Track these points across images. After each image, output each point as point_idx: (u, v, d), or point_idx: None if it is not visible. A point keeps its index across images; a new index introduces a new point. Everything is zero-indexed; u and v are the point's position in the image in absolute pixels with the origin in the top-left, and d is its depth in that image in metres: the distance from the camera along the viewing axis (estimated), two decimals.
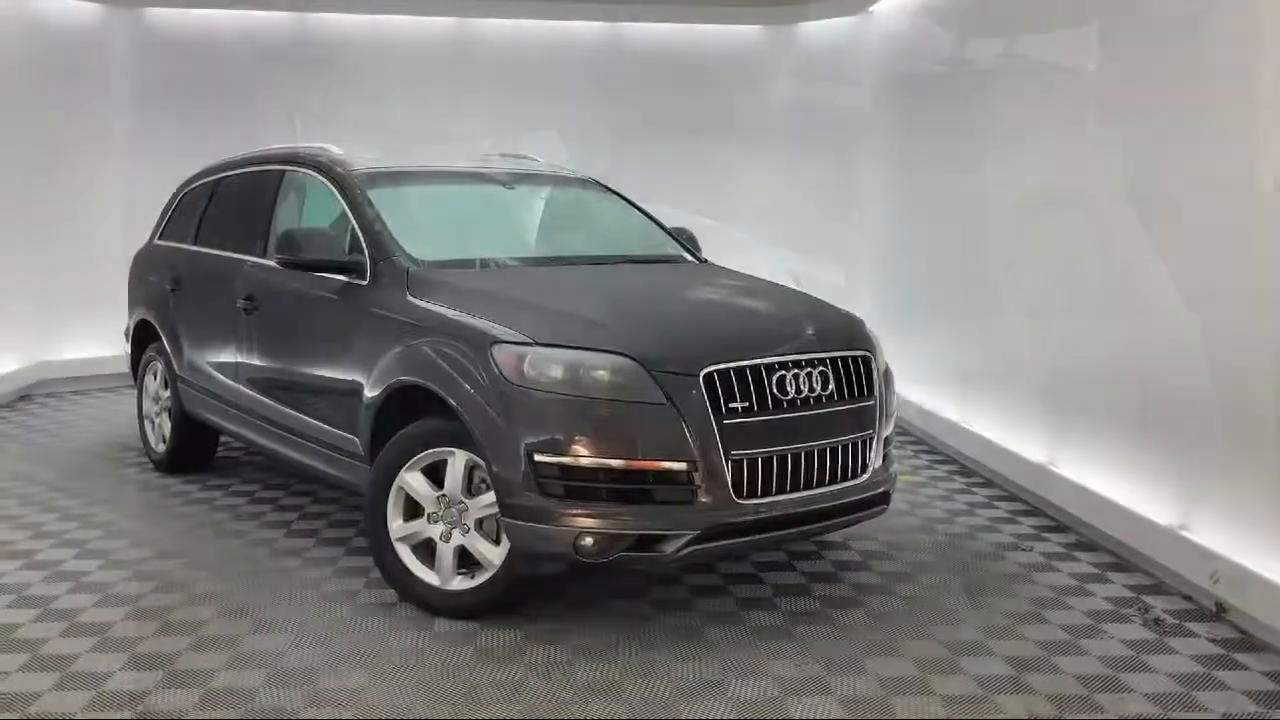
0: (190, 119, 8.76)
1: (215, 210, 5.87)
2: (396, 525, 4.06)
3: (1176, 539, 4.37)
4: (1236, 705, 3.40)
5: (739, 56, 9.46)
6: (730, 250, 6.24)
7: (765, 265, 6.94)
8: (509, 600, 4.00)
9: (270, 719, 3.26)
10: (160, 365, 6.06)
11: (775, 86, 9.44)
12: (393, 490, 4.05)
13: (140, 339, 6.36)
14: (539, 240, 5.18)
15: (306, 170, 5.14)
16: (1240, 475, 4.12)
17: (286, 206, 5.25)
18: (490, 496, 3.85)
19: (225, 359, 5.36)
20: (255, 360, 5.11)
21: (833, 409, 3.95)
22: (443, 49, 9.15)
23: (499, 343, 3.80)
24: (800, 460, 3.82)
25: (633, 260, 5.06)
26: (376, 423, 4.25)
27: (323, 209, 5.00)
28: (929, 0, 7.43)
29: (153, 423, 6.20)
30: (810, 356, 3.94)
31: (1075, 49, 5.42)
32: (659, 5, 9.20)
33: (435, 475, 4.02)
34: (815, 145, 9.11)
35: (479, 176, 5.28)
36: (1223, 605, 4.07)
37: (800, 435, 3.84)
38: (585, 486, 3.63)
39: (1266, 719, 3.34)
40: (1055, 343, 5.55)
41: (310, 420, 4.72)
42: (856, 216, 8.74)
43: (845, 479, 3.98)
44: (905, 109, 7.94)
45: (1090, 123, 5.24)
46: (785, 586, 4.37)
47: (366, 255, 4.50)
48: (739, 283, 4.82)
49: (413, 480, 4.02)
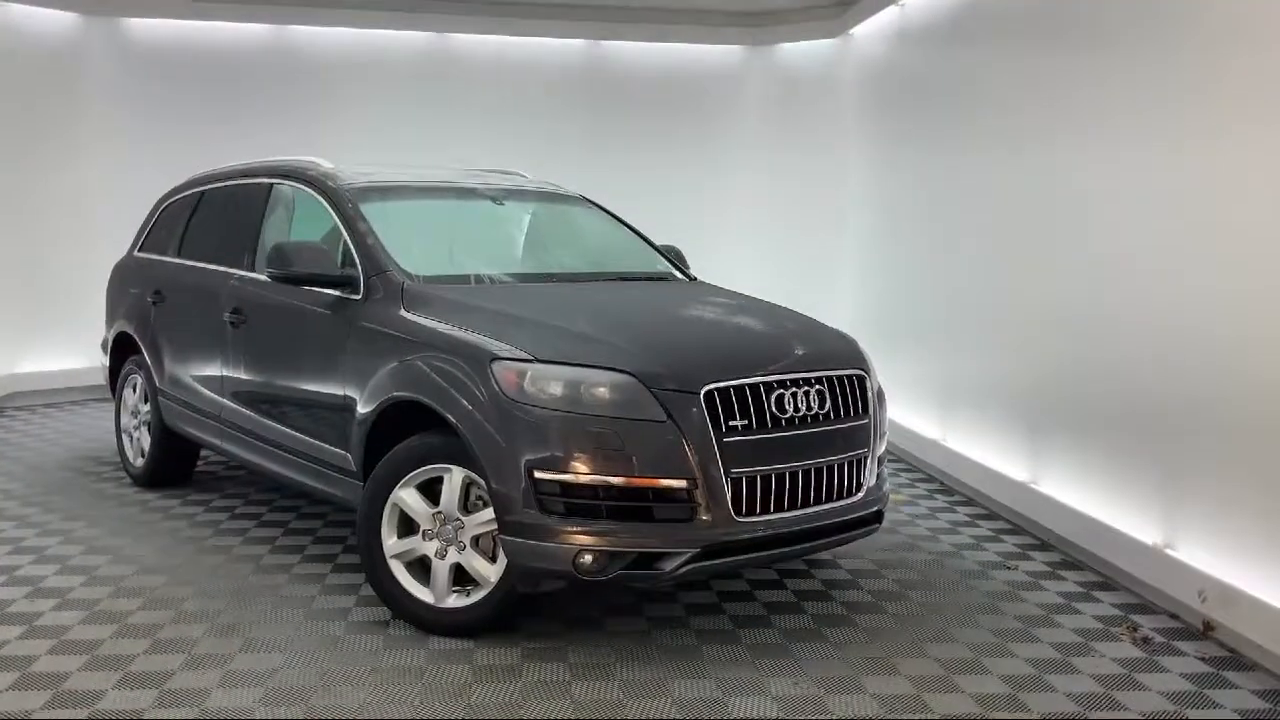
0: (168, 131, 8.72)
1: (200, 222, 5.82)
2: (391, 542, 4.03)
3: (1162, 558, 4.42)
4: None
5: (719, 76, 9.53)
6: (710, 268, 6.26)
7: (745, 284, 6.97)
8: (505, 618, 3.98)
9: None
10: (140, 378, 5.99)
11: (755, 106, 9.52)
12: (387, 507, 4.02)
13: (119, 351, 6.28)
14: (531, 256, 5.18)
15: (296, 184, 5.12)
16: (1225, 494, 4.18)
17: (275, 220, 5.22)
18: (487, 513, 3.84)
19: (210, 373, 5.30)
20: (242, 374, 5.07)
21: (829, 428, 3.98)
22: (423, 64, 9.16)
23: (499, 359, 3.79)
24: (798, 478, 3.85)
25: (625, 277, 5.06)
26: (369, 438, 4.22)
27: (313, 223, 4.97)
28: (908, 24, 7.53)
29: (131, 437, 6.13)
30: (807, 375, 3.97)
31: (1052, 68, 5.51)
32: (639, 24, 9.25)
33: (430, 492, 4.00)
34: (795, 165, 9.20)
35: (470, 192, 5.27)
36: (1210, 624, 4.13)
37: (798, 454, 3.86)
38: (585, 504, 3.62)
39: None
40: (1036, 360, 5.61)
41: (299, 435, 4.68)
42: (836, 235, 8.81)
43: (841, 497, 4.00)
44: (884, 130, 8.04)
45: (1068, 140, 5.32)
46: (778, 604, 4.38)
47: (360, 270, 4.48)
48: (733, 301, 4.84)
49: (408, 497, 4.00)
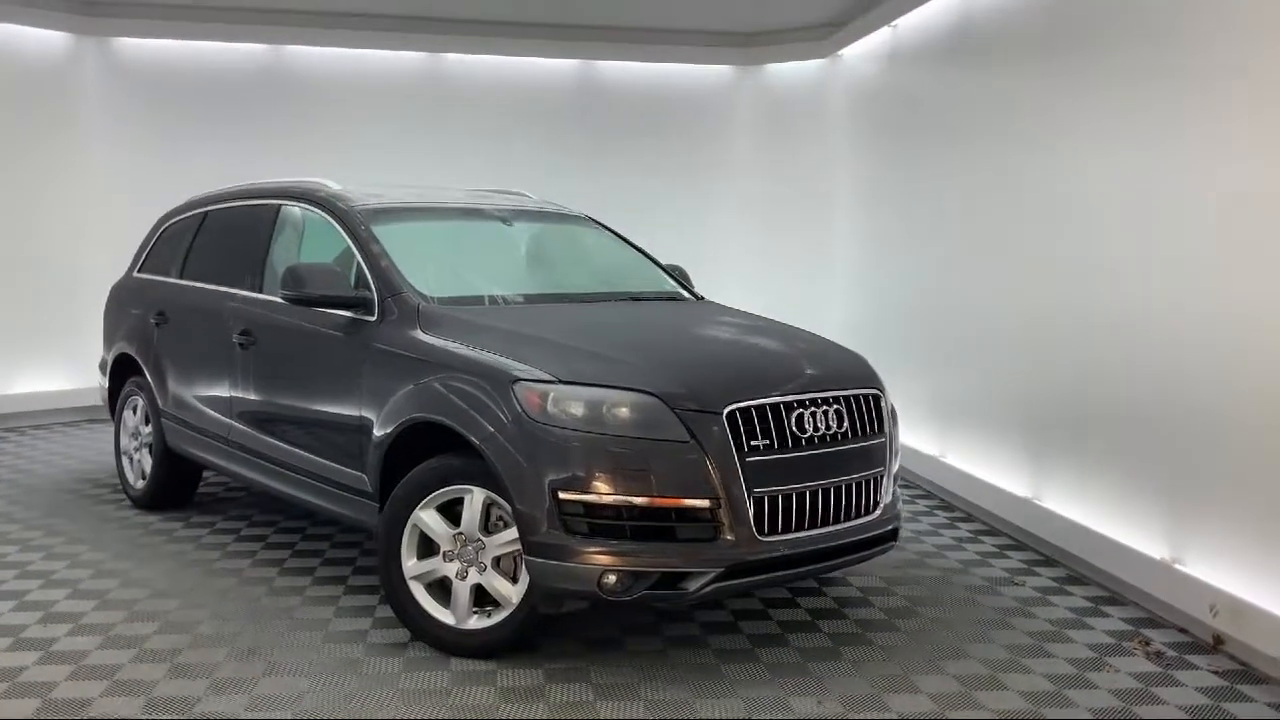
0: (161, 151, 8.71)
1: (203, 244, 5.81)
2: (410, 564, 4.03)
3: (1171, 573, 4.49)
4: None
5: (709, 96, 9.61)
6: (701, 287, 6.29)
7: (736, 302, 7.01)
8: (526, 639, 3.98)
9: None
10: (141, 400, 5.96)
11: (745, 126, 9.59)
12: (407, 528, 4.03)
13: (118, 373, 6.25)
14: (542, 277, 5.20)
15: (305, 205, 5.12)
16: (1233, 507, 4.24)
17: (284, 241, 5.21)
18: (508, 534, 3.85)
19: (217, 394, 5.29)
20: (251, 395, 5.05)
21: (847, 447, 4.02)
22: (416, 84, 9.17)
23: (521, 380, 3.81)
24: (818, 497, 3.88)
25: (635, 297, 5.09)
26: (386, 460, 4.22)
27: (323, 244, 4.97)
28: (900, 46, 7.63)
29: (131, 459, 6.09)
30: (826, 394, 4.01)
31: (1045, 89, 5.61)
32: (630, 45, 9.31)
33: (450, 513, 4.01)
34: (784, 183, 9.28)
35: (478, 213, 5.29)
36: (1220, 638, 4.19)
37: (818, 473, 3.89)
38: (610, 524, 3.64)
39: None
40: (1035, 376, 5.68)
41: (311, 456, 4.68)
42: (826, 253, 8.89)
43: (859, 516, 4.04)
44: (875, 149, 8.13)
45: (1064, 156, 5.42)
46: (793, 623, 4.41)
47: (374, 291, 4.49)
48: (746, 320, 4.88)
49: (428, 518, 4.00)
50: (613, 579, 3.62)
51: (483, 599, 3.98)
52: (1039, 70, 5.72)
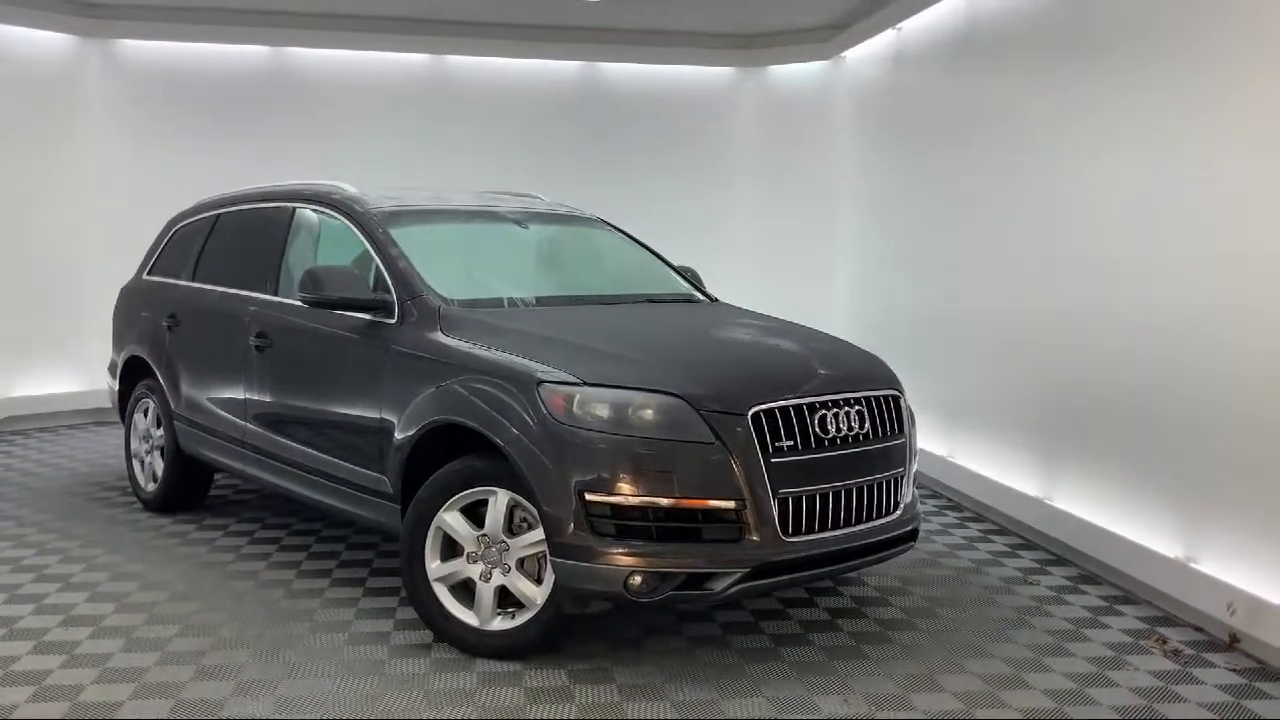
0: (165, 152, 8.70)
1: (216, 246, 5.81)
2: (434, 565, 4.05)
3: (1186, 571, 4.52)
4: None
5: (712, 98, 9.63)
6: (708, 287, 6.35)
7: (739, 303, 7.04)
8: (550, 640, 4.00)
9: None
10: (153, 402, 5.95)
11: (747, 127, 9.62)
12: (431, 530, 4.04)
13: (129, 375, 6.24)
14: (558, 279, 5.22)
15: (321, 208, 5.13)
16: (1248, 505, 4.28)
17: (299, 244, 5.22)
18: (532, 536, 3.87)
19: (232, 396, 5.29)
20: (268, 398, 5.06)
21: (869, 447, 4.04)
22: (420, 86, 9.18)
23: (545, 383, 3.82)
24: (841, 498, 3.91)
25: (651, 299, 5.11)
26: (407, 462, 4.23)
27: (339, 247, 4.98)
28: (904, 48, 7.66)
29: (143, 462, 6.08)
30: (848, 396, 4.03)
31: (1051, 90, 5.66)
32: (633, 47, 9.33)
33: (473, 514, 4.02)
34: (788, 184, 9.32)
35: (493, 215, 5.31)
36: (1236, 635, 4.22)
37: (841, 473, 3.92)
38: (636, 525, 3.66)
39: None
40: (1044, 374, 5.71)
41: (330, 458, 4.68)
42: (830, 254, 8.92)
43: (880, 516, 4.07)
44: (878, 150, 8.16)
45: (1071, 153, 5.47)
46: (813, 622, 4.43)
47: (394, 294, 4.50)
48: (764, 322, 4.90)
49: (452, 520, 4.01)
50: (639, 580, 3.64)
51: (506, 600, 3.99)
52: (1044, 73, 5.76)
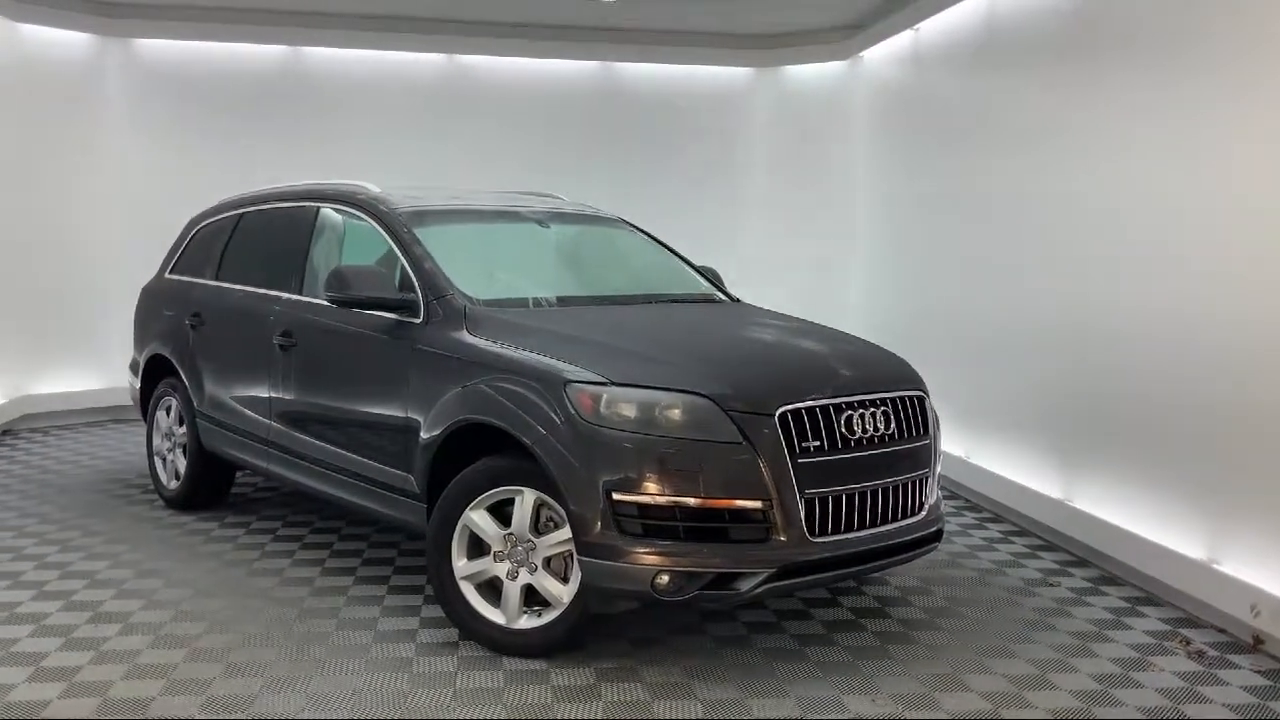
0: (183, 151, 8.74)
1: (239, 246, 5.83)
2: (461, 564, 4.07)
3: (1209, 573, 4.52)
4: None
5: (728, 98, 9.63)
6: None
7: (757, 304, 7.07)
8: (576, 639, 4.01)
9: None
10: (175, 400, 5.98)
11: (764, 127, 9.62)
12: (457, 529, 4.06)
13: (151, 374, 6.27)
14: (580, 279, 5.23)
15: (345, 208, 5.15)
16: (1271, 506, 4.27)
17: (324, 244, 5.24)
18: (559, 535, 3.89)
19: (256, 394, 5.31)
20: (292, 396, 5.08)
21: (895, 448, 4.05)
22: (436, 86, 9.20)
23: (573, 383, 3.84)
24: (867, 499, 3.92)
25: (674, 299, 5.12)
26: (434, 461, 4.25)
27: (364, 246, 5.01)
28: (923, 49, 7.67)
29: (165, 459, 6.11)
30: (874, 396, 4.04)
31: (1066, 91, 5.66)
32: (650, 46, 9.34)
33: (499, 513, 4.04)
34: (804, 184, 9.32)
35: (515, 215, 5.32)
36: (1259, 637, 4.22)
37: (867, 474, 3.93)
38: (663, 525, 3.67)
39: None
40: (1064, 374, 5.71)
41: (355, 457, 4.70)
42: (846, 255, 8.93)
43: (905, 516, 4.08)
44: (895, 151, 8.16)
45: (1087, 159, 5.47)
46: (837, 622, 4.44)
47: (419, 293, 4.52)
48: (787, 323, 4.91)
49: (479, 519, 4.03)
50: (666, 579, 3.65)
51: (532, 599, 4.01)
52: (1063, 74, 5.75)
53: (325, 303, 4.82)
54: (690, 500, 3.67)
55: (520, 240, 5.25)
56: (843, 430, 3.90)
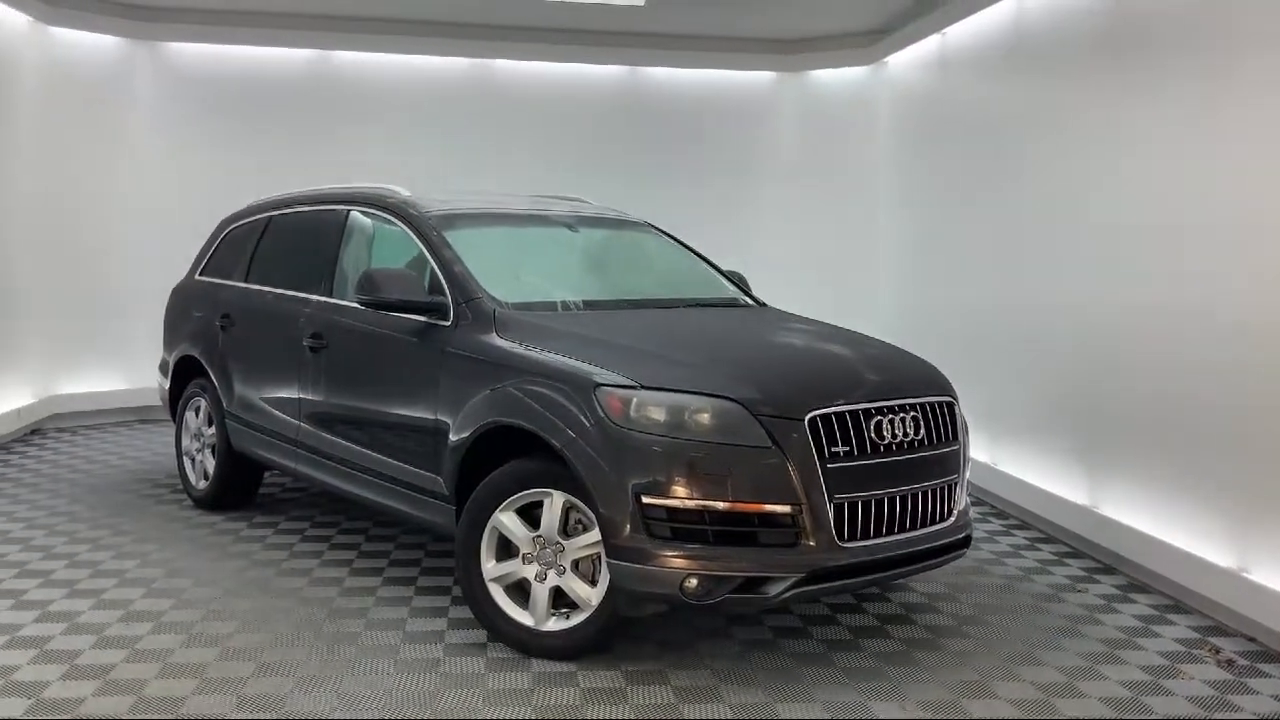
0: (210, 154, 8.82)
1: (269, 248, 5.88)
2: (489, 566, 4.09)
3: (1238, 581, 4.50)
4: None
5: (753, 102, 9.64)
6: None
7: (781, 308, 7.08)
8: (603, 641, 4.03)
9: None
10: (204, 401, 6.03)
11: (788, 132, 9.62)
12: (486, 530, 4.08)
13: (180, 374, 6.32)
14: (608, 282, 5.24)
15: (375, 211, 5.18)
16: None
17: (353, 246, 5.27)
18: (588, 537, 3.90)
19: (285, 395, 5.35)
20: (322, 398, 5.11)
21: (925, 454, 4.05)
22: (463, 89, 9.24)
23: (603, 386, 3.85)
24: (896, 504, 3.92)
25: (701, 304, 5.14)
26: (462, 463, 4.27)
27: (393, 249, 5.04)
28: (946, 53, 7.66)
29: (193, 459, 6.16)
30: (904, 402, 4.04)
31: (1095, 96, 5.65)
32: (674, 51, 9.36)
33: (528, 515, 4.06)
34: (829, 188, 9.32)
35: (543, 218, 5.35)
36: None
37: (897, 479, 3.93)
38: (692, 529, 3.67)
39: None
40: (1091, 379, 5.68)
41: (384, 458, 4.73)
42: (869, 259, 8.92)
43: (934, 522, 4.07)
44: (921, 155, 8.16)
45: (1113, 162, 5.46)
46: (863, 628, 4.44)
47: (449, 296, 4.54)
48: (816, 327, 4.91)
49: (508, 521, 4.05)
50: (695, 583, 3.66)
51: (560, 601, 4.02)
52: (1091, 79, 5.73)
53: (355, 305, 4.86)
54: (719, 504, 3.68)
55: (548, 244, 5.27)
56: (872, 435, 3.90)
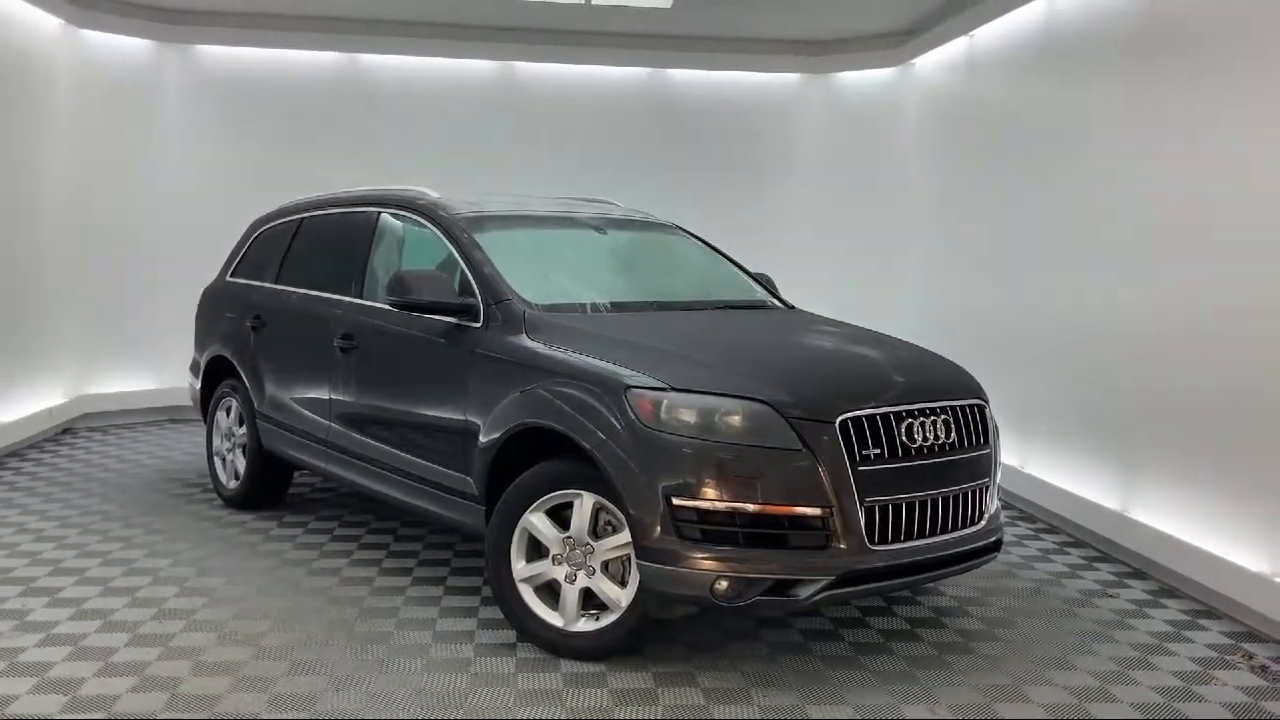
0: (239, 156, 8.88)
1: (300, 249, 5.92)
2: (520, 566, 4.10)
3: (1271, 586, 4.46)
4: None
5: (779, 104, 9.63)
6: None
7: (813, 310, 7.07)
8: (633, 643, 4.04)
9: None
10: (235, 401, 6.07)
11: (815, 133, 9.61)
12: (516, 531, 4.09)
13: (211, 375, 6.37)
14: (637, 284, 5.24)
15: (405, 213, 5.21)
16: None
17: (384, 248, 5.30)
18: (618, 538, 3.91)
19: (316, 396, 5.38)
20: (352, 398, 5.14)
21: (955, 457, 4.04)
22: (487, 92, 9.27)
23: (634, 388, 3.86)
24: (927, 507, 3.91)
25: (731, 306, 5.14)
26: (492, 464, 4.29)
27: (423, 251, 5.06)
28: (974, 54, 7.63)
29: (224, 459, 6.21)
30: (935, 405, 4.03)
31: (1124, 97, 5.62)
32: (699, 53, 9.36)
33: (558, 516, 4.07)
34: (855, 190, 9.30)
35: (572, 220, 5.36)
36: None
37: (927, 482, 3.92)
38: (723, 530, 3.68)
39: None
40: (1122, 381, 5.65)
41: (414, 459, 4.75)
42: (896, 262, 8.90)
43: (965, 525, 4.06)
44: (948, 157, 8.13)
45: (1145, 165, 5.43)
46: (893, 631, 4.43)
47: (479, 298, 4.56)
48: (845, 330, 4.91)
49: (538, 522, 4.06)
50: (725, 585, 3.66)
51: (590, 602, 4.03)
52: (1122, 81, 5.70)
53: (386, 306, 4.89)
54: (749, 506, 3.68)
55: (577, 246, 5.28)
56: (903, 438, 3.89)
